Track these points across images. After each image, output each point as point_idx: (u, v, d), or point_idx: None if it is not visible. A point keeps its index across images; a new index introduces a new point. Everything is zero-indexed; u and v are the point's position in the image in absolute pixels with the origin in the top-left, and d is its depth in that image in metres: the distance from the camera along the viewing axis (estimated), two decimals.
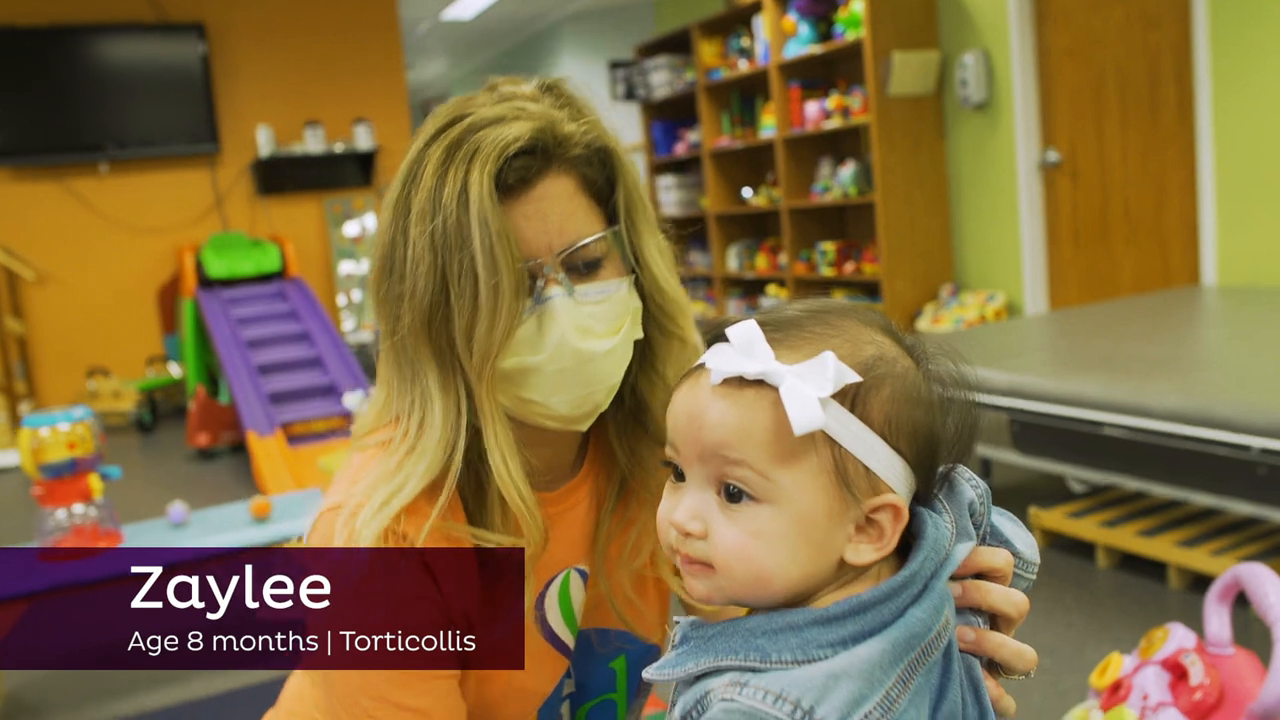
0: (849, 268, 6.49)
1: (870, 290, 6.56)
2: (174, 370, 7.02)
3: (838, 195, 6.44)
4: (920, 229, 6.13)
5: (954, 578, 0.73)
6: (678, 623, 0.73)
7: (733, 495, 0.69)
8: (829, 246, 6.62)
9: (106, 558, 2.70)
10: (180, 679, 2.94)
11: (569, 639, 1.00)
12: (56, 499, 2.71)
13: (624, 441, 0.99)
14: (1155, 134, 4.97)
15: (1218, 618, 1.70)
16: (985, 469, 3.74)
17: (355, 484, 0.90)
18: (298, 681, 1.12)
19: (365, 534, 0.85)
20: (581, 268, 0.90)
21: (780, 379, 0.67)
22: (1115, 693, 1.71)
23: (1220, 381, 2.78)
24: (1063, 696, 2.43)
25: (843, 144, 6.71)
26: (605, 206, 0.93)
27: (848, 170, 6.35)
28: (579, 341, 0.89)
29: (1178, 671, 1.61)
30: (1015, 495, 3.78)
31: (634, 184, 0.94)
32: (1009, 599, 0.75)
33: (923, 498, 0.74)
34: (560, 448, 0.98)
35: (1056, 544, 3.40)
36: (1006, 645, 0.74)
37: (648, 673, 0.72)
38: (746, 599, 0.71)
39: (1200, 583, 2.92)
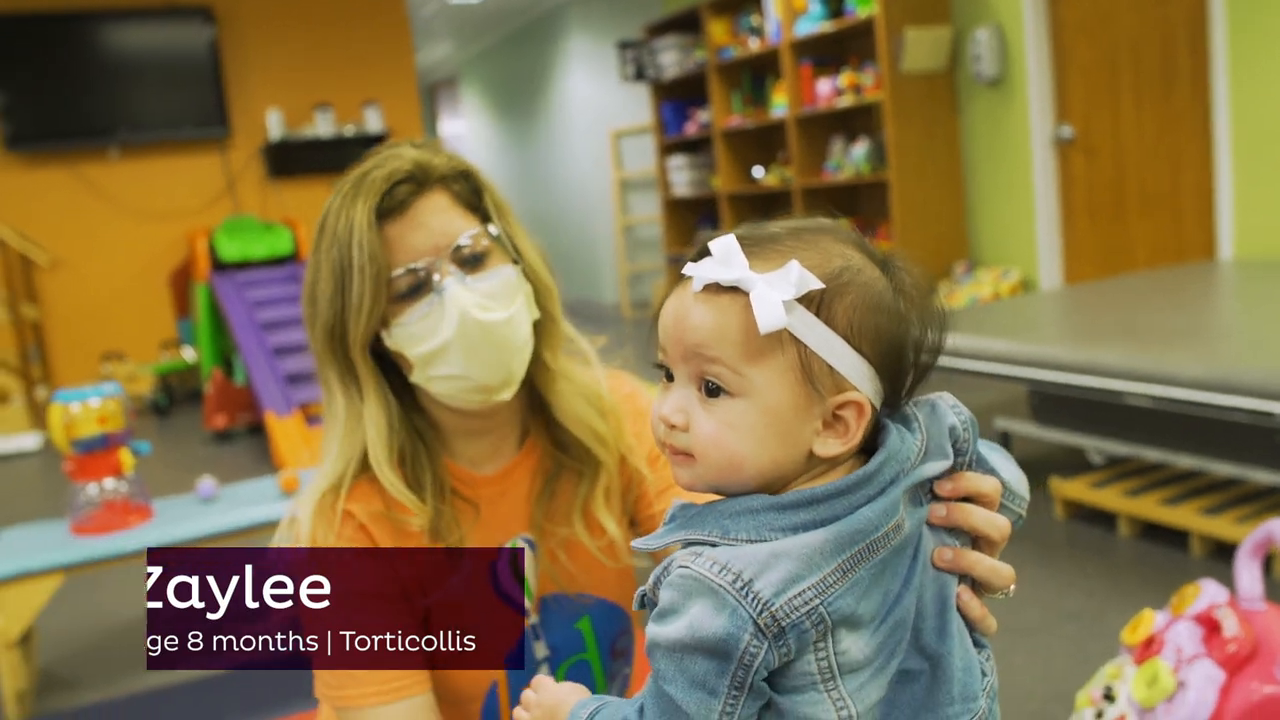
0: None
1: None
2: (188, 354, 7.04)
3: (850, 174, 6.44)
4: (934, 206, 6.12)
5: (938, 498, 0.80)
6: (674, 502, 0.82)
7: (710, 390, 0.77)
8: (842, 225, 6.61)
9: (141, 530, 2.72)
10: None
11: (526, 602, 1.15)
12: (88, 473, 2.73)
13: (541, 423, 1.19)
14: (1170, 108, 4.96)
15: (1249, 573, 1.71)
16: (1005, 441, 3.76)
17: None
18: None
19: (302, 513, 1.06)
20: (471, 261, 1.10)
21: (751, 285, 0.75)
22: (1148, 648, 1.73)
23: (1242, 350, 2.79)
24: (1088, 660, 2.44)
25: (855, 122, 6.70)
26: (477, 213, 1.13)
27: (860, 148, 6.34)
28: (480, 314, 1.08)
29: (1210, 626, 1.62)
30: (1035, 467, 3.79)
31: (496, 192, 1.15)
32: (991, 521, 0.80)
33: (891, 405, 0.80)
34: (496, 437, 1.17)
35: (1078, 514, 3.41)
36: (982, 562, 0.80)
37: (636, 543, 0.83)
38: (724, 485, 0.79)
39: (1222, 550, 2.93)
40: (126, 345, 7.03)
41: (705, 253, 0.78)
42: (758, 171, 7.39)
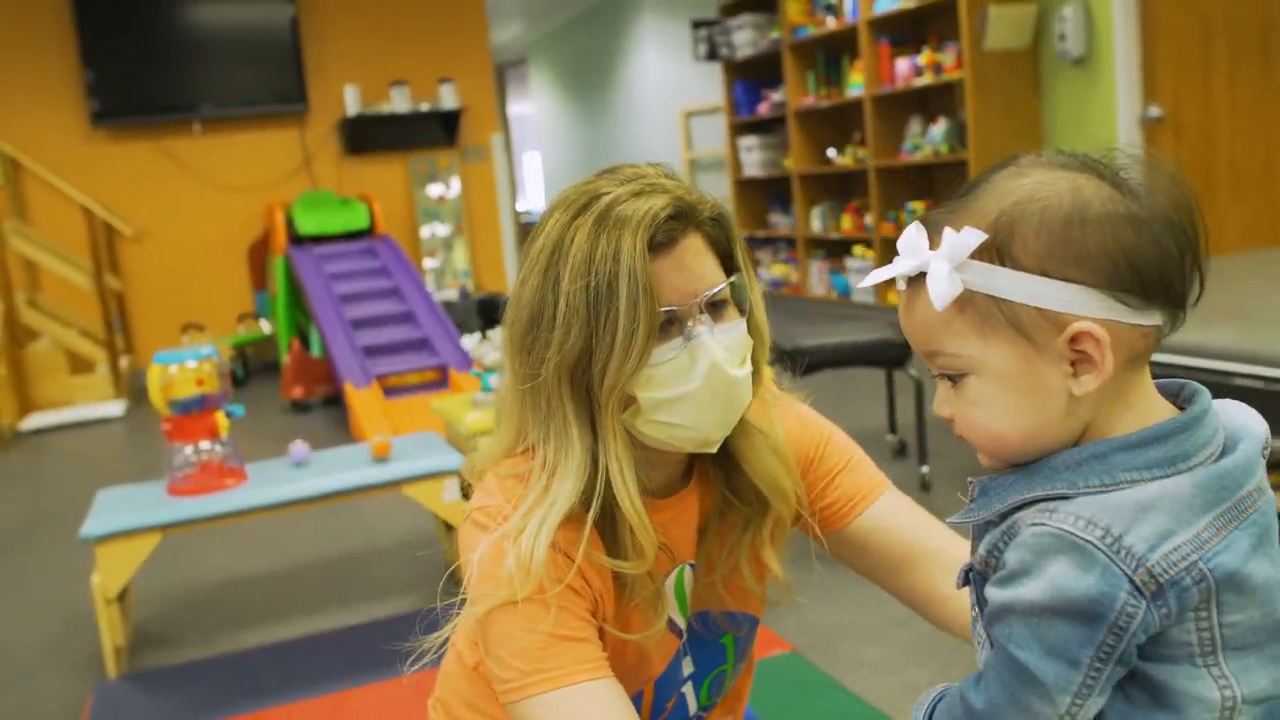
0: None
1: None
2: (264, 326, 7.14)
3: (928, 154, 6.34)
4: None
5: None
6: (972, 482, 0.79)
7: (952, 379, 0.77)
8: (918, 206, 6.53)
9: (237, 492, 2.76)
10: (306, 611, 3.01)
11: (681, 621, 1.15)
12: (185, 435, 2.76)
13: (719, 468, 1.15)
14: (1266, 84, 4.81)
15: None
16: None
17: (501, 505, 1.05)
18: (451, 662, 1.25)
19: (538, 552, 0.99)
20: (715, 309, 1.05)
21: (926, 266, 0.73)
22: None
23: None
24: None
25: (933, 101, 6.60)
26: (726, 261, 1.08)
27: (939, 128, 6.25)
28: (729, 369, 1.03)
29: None
30: None
31: (742, 243, 1.10)
32: None
33: (1169, 309, 0.73)
34: (672, 469, 1.13)
35: None
36: None
37: (956, 517, 0.79)
38: (1011, 459, 0.76)
39: None
40: (205, 316, 7.15)
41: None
42: (831, 152, 7.31)
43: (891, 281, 0.78)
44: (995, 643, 0.72)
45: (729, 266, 1.07)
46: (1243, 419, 0.78)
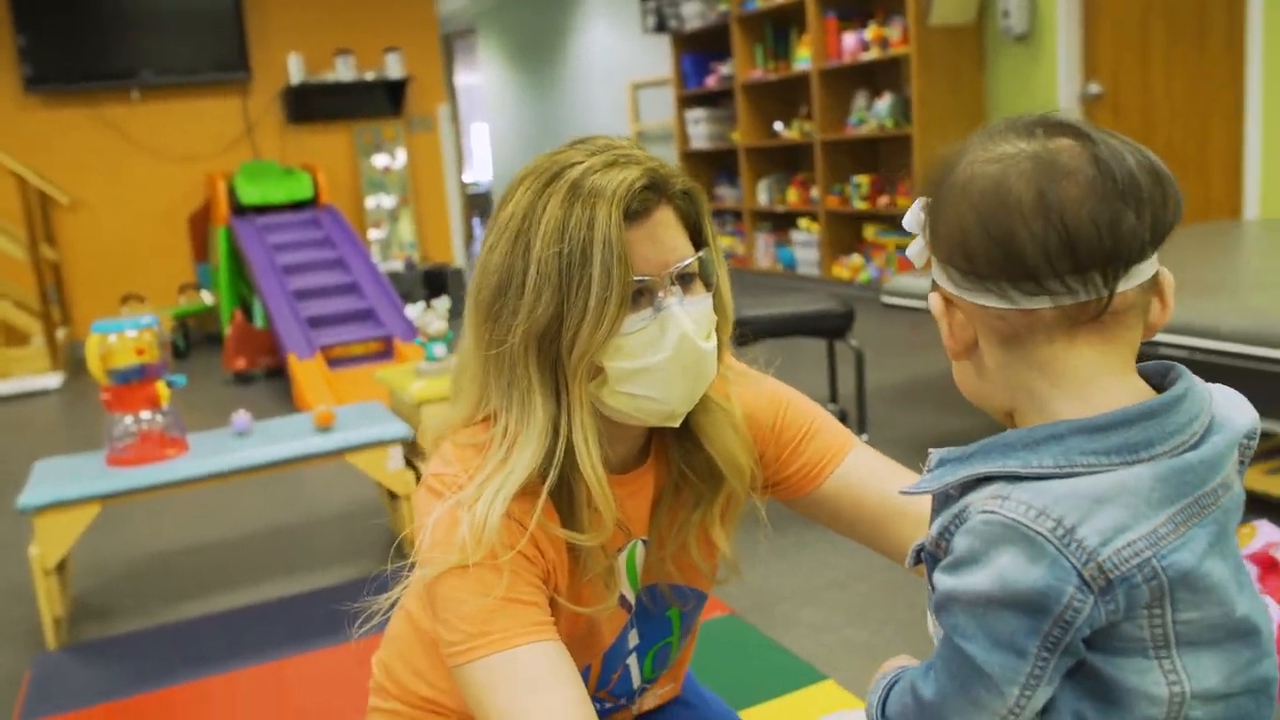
0: (883, 201, 6.47)
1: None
2: (206, 297, 7.05)
3: (873, 128, 6.40)
4: None
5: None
6: (931, 454, 0.78)
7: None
8: (862, 180, 6.58)
9: (178, 462, 2.74)
10: (247, 581, 3.00)
11: (630, 596, 1.16)
12: (125, 405, 2.73)
13: (678, 443, 1.14)
14: (1202, 63, 4.91)
15: None
16: None
17: (458, 474, 1.04)
18: (400, 624, 1.25)
19: (492, 519, 0.99)
20: (684, 282, 1.05)
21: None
22: None
23: (1278, 303, 2.78)
24: None
25: (879, 76, 6.65)
26: (695, 235, 1.08)
27: (884, 102, 6.30)
28: (697, 340, 1.03)
29: (1266, 564, 1.64)
30: None
31: (710, 218, 1.10)
32: None
33: (1037, 285, 0.70)
34: (631, 444, 1.13)
35: None
36: None
37: (907, 488, 0.80)
38: (973, 402, 0.81)
39: (1254, 502, 2.94)
40: (145, 288, 7.04)
41: None
42: (778, 125, 7.34)
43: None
44: (943, 633, 0.71)
45: (697, 241, 1.07)
46: (1226, 410, 0.76)
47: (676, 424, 1.08)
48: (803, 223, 7.21)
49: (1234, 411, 0.76)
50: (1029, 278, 0.70)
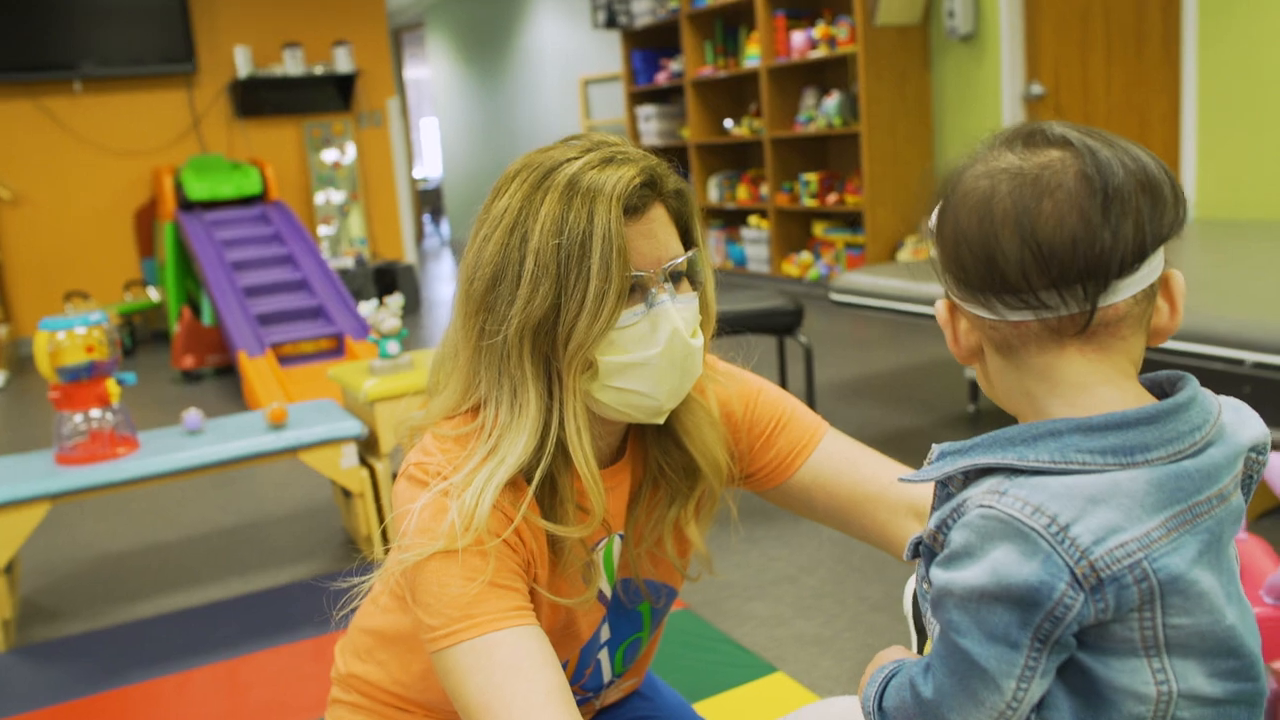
0: (831, 198, 6.54)
1: (852, 221, 6.61)
2: (152, 294, 6.96)
3: (821, 126, 6.47)
4: (904, 160, 6.18)
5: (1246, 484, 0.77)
6: (933, 447, 0.80)
7: None
8: (811, 177, 6.66)
9: (129, 461, 2.72)
10: (200, 581, 2.99)
11: (607, 590, 1.17)
12: (74, 403, 2.71)
13: (657, 441, 1.16)
14: (1140, 65, 5.03)
15: None
16: (973, 393, 3.84)
17: (440, 464, 1.05)
18: (366, 616, 1.26)
19: (482, 507, 1.00)
20: (675, 280, 1.07)
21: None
22: None
23: (1213, 302, 2.87)
24: None
25: (828, 74, 6.73)
26: (686, 234, 1.10)
27: (832, 101, 6.37)
28: (688, 337, 1.05)
29: None
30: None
31: (700, 217, 1.14)
32: None
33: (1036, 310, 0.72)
34: (612, 439, 1.15)
35: None
36: None
37: (905, 476, 0.83)
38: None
39: None
40: (89, 284, 6.93)
41: None
42: (728, 123, 7.40)
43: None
44: (939, 630, 0.72)
45: (686, 241, 1.10)
46: (1233, 424, 0.76)
47: (661, 420, 1.09)
48: (753, 220, 7.27)
49: (1240, 425, 0.77)
50: (1010, 292, 0.72)
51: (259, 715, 2.24)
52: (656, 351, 1.03)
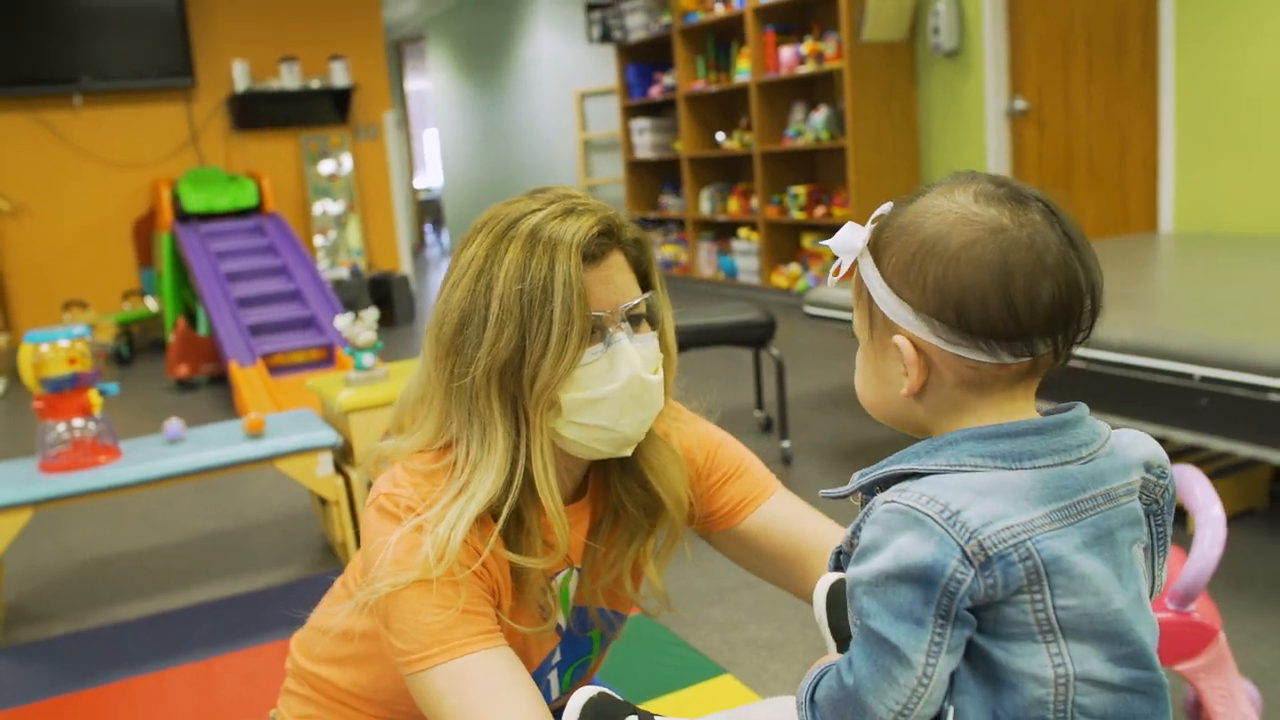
0: (819, 211, 6.62)
1: None
2: (150, 304, 7.06)
3: (810, 140, 6.55)
4: (890, 173, 6.25)
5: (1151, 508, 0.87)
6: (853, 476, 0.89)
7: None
8: (800, 190, 6.73)
9: (109, 469, 2.80)
10: (180, 585, 3.07)
11: (562, 620, 1.24)
12: (57, 413, 2.79)
13: (621, 478, 1.23)
14: (1120, 83, 5.10)
15: None
16: None
17: (411, 497, 1.11)
18: (325, 615, 1.32)
19: (454, 541, 1.06)
20: (633, 322, 1.14)
21: (842, 246, 0.87)
22: None
23: (1173, 316, 2.94)
24: None
25: (816, 89, 6.81)
26: (643, 280, 1.18)
27: (820, 115, 6.45)
28: (644, 373, 1.12)
29: None
30: None
31: (657, 264, 1.20)
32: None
33: (1011, 350, 0.80)
34: (574, 475, 1.22)
35: None
36: None
37: (827, 491, 0.91)
38: (876, 417, 0.92)
39: None
40: (88, 294, 7.03)
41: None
42: (720, 136, 7.48)
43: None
44: (856, 621, 0.79)
45: (645, 285, 1.17)
46: (1125, 444, 0.86)
47: (629, 452, 1.16)
48: (743, 232, 7.35)
49: (1132, 445, 0.86)
50: (1019, 339, 0.80)
51: (230, 712, 2.31)
52: (616, 386, 1.10)
